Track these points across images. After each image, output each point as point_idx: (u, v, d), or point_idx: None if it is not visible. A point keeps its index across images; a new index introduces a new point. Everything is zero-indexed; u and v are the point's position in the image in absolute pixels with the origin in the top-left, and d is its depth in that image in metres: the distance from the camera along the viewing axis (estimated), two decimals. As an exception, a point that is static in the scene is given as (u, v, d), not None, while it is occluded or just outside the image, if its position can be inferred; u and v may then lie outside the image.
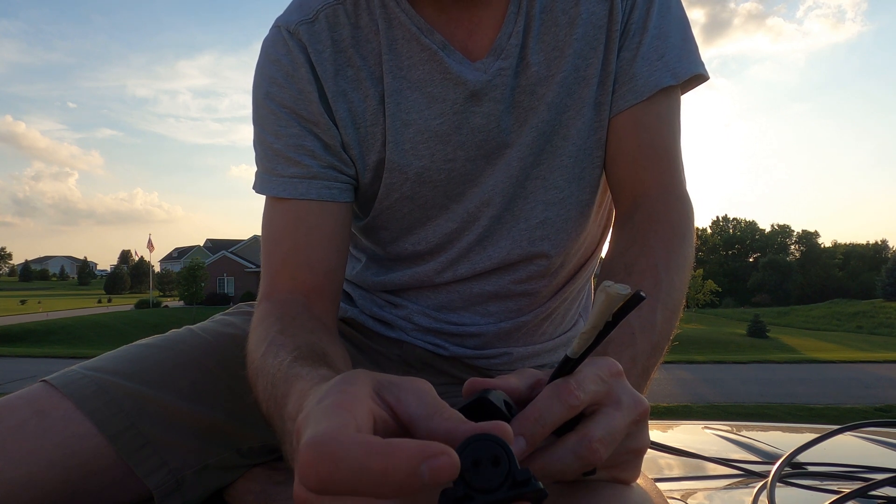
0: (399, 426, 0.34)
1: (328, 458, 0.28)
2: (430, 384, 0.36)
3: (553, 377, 0.40)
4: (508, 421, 0.38)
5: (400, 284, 0.84)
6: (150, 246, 44.24)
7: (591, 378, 0.40)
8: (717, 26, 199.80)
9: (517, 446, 0.37)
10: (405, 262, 0.84)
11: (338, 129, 0.75)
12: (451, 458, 0.28)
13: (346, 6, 0.74)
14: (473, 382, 0.41)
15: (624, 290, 0.35)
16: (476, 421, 0.38)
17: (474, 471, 0.28)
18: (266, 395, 0.54)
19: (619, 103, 0.74)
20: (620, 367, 0.43)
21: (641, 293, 0.36)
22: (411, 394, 0.35)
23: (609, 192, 0.82)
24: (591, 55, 0.74)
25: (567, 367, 0.40)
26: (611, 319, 0.37)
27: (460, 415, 0.34)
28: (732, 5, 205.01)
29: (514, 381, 0.42)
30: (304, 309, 0.68)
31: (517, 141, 0.75)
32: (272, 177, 0.74)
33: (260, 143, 0.76)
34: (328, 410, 0.32)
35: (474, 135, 0.75)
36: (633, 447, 0.43)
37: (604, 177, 0.80)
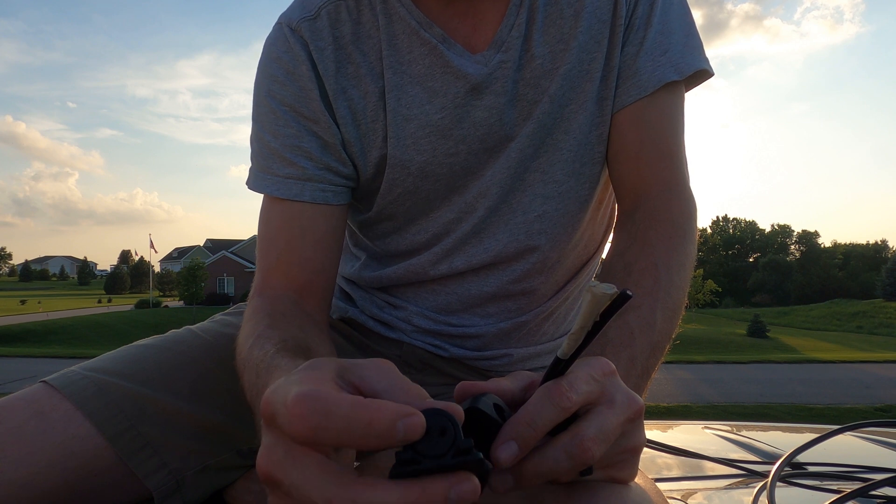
0: None
1: (320, 410, 0.30)
2: (391, 363, 0.37)
3: (545, 379, 0.40)
4: (500, 426, 0.38)
5: (395, 279, 0.84)
6: (153, 248, 44.38)
7: (583, 378, 0.40)
8: (715, 27, 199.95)
9: (509, 450, 0.37)
10: (402, 256, 0.84)
11: (338, 127, 0.75)
12: (421, 419, 0.31)
13: (348, 3, 0.74)
14: (464, 387, 0.41)
15: (609, 289, 0.35)
16: (468, 431, 0.38)
17: (423, 439, 0.31)
18: (250, 385, 0.55)
19: (622, 98, 0.74)
20: (613, 366, 0.42)
21: (628, 292, 0.36)
22: (374, 371, 0.36)
23: (611, 190, 0.81)
24: (595, 49, 0.74)
25: (558, 368, 0.40)
26: (598, 319, 0.37)
27: (421, 389, 0.35)
28: (730, 6, 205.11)
29: (507, 383, 0.42)
30: (294, 305, 0.69)
31: (520, 133, 0.75)
32: (266, 175, 0.74)
33: (257, 140, 0.76)
34: (298, 381, 0.33)
35: (476, 128, 0.74)
36: (628, 446, 0.43)
37: (606, 174, 0.80)
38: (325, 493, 0.30)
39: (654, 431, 1.08)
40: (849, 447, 1.00)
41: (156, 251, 46.87)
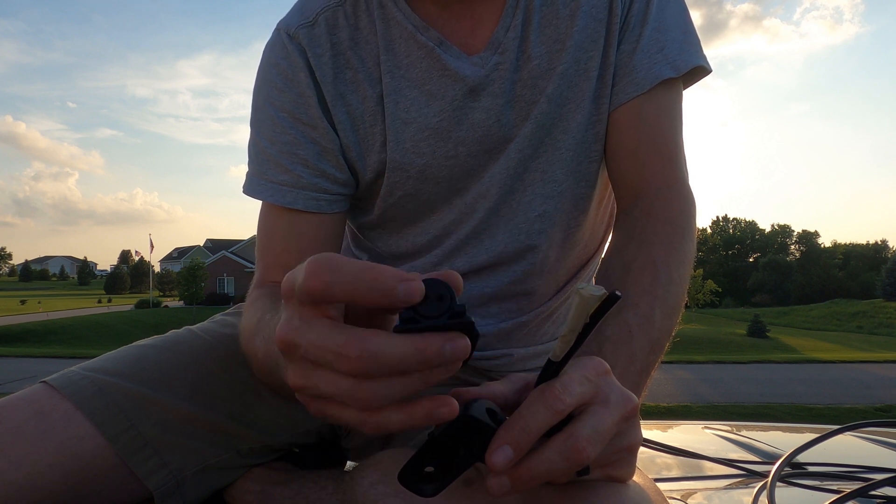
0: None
1: (333, 267, 0.34)
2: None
3: (538, 381, 0.40)
4: (494, 431, 0.38)
5: None
6: (151, 247, 44.52)
7: (576, 380, 0.40)
8: (714, 28, 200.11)
9: (504, 455, 0.37)
10: (404, 258, 0.84)
11: (336, 132, 0.75)
12: (420, 285, 0.34)
13: (346, 8, 0.74)
14: (457, 393, 0.41)
15: (598, 291, 0.35)
16: (463, 438, 0.38)
17: (424, 303, 0.35)
18: (265, 350, 0.56)
19: (619, 96, 0.74)
20: (607, 365, 0.42)
21: (617, 293, 0.36)
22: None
23: (611, 188, 0.81)
24: (592, 48, 0.74)
25: (551, 370, 0.40)
26: (588, 321, 0.37)
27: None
28: (729, 7, 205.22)
29: (500, 387, 0.42)
30: None
31: (518, 134, 0.75)
32: (262, 181, 0.75)
33: (254, 145, 0.77)
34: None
35: (474, 130, 0.75)
36: (625, 445, 0.43)
37: (605, 173, 0.80)
38: (336, 341, 0.34)
39: (653, 431, 1.08)
40: (849, 447, 1.00)
41: (152, 249, 46.91)
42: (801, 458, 0.80)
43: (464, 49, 0.73)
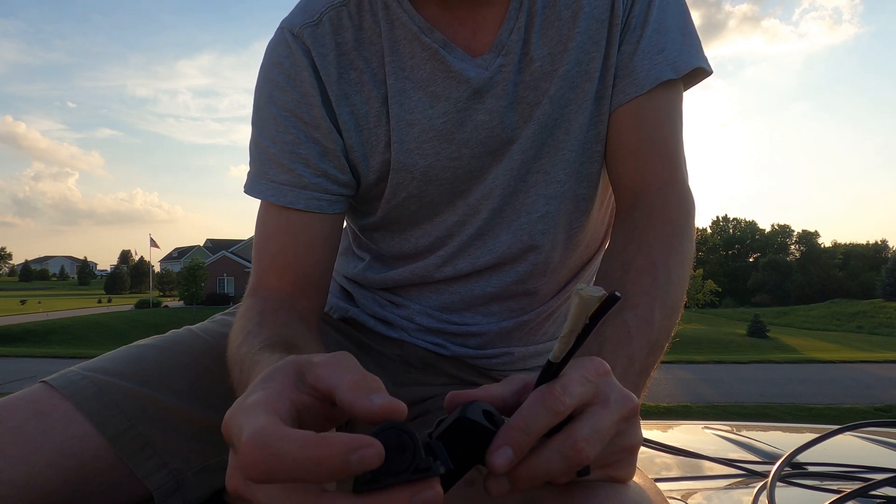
0: (325, 402, 0.37)
1: (270, 453, 0.31)
2: (349, 356, 0.38)
3: (538, 382, 0.40)
4: (492, 433, 0.38)
5: (400, 281, 0.84)
6: (155, 245, 44.50)
7: (576, 381, 0.40)
8: (713, 28, 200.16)
9: (504, 456, 0.37)
10: (407, 259, 0.84)
11: (340, 133, 0.75)
12: (376, 449, 0.31)
13: (350, 8, 0.74)
14: (454, 396, 0.41)
15: (597, 292, 0.35)
16: (459, 442, 0.38)
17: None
18: (237, 381, 0.56)
19: (619, 97, 0.74)
20: (607, 366, 0.42)
21: (616, 294, 0.36)
22: (328, 370, 0.37)
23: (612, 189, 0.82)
24: (594, 49, 0.74)
25: (550, 371, 0.40)
26: (588, 322, 0.37)
27: (377, 382, 0.36)
28: (728, 7, 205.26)
29: (499, 389, 0.42)
30: (286, 304, 0.70)
31: (521, 135, 0.75)
32: (263, 180, 0.75)
33: (256, 145, 0.77)
34: (253, 408, 0.35)
35: (478, 132, 0.75)
36: (625, 445, 0.43)
37: (606, 173, 0.80)
38: None
39: (653, 431, 1.08)
40: (849, 447, 1.00)
41: (158, 247, 46.91)
42: (801, 458, 0.80)
43: (467, 51, 0.73)
